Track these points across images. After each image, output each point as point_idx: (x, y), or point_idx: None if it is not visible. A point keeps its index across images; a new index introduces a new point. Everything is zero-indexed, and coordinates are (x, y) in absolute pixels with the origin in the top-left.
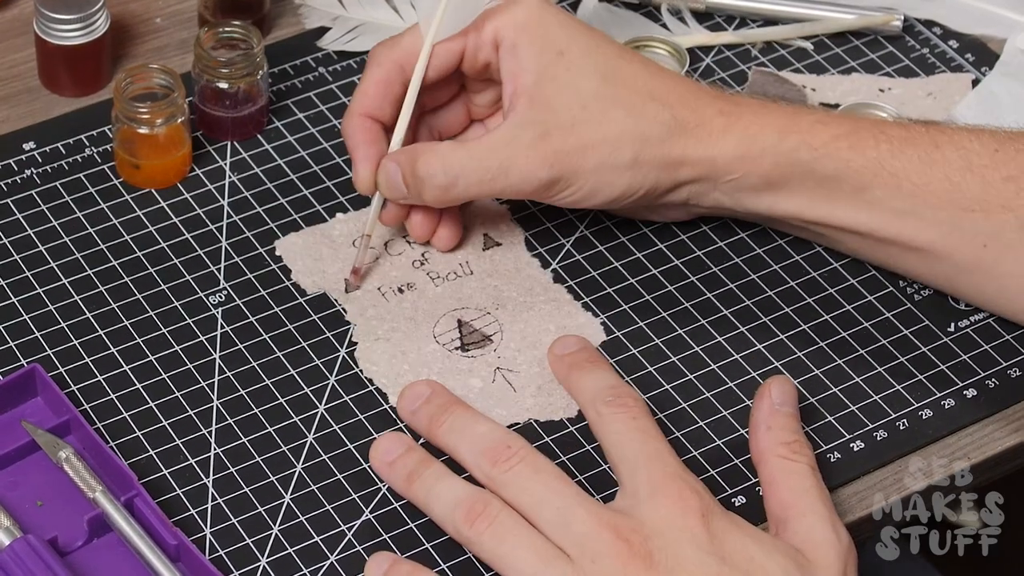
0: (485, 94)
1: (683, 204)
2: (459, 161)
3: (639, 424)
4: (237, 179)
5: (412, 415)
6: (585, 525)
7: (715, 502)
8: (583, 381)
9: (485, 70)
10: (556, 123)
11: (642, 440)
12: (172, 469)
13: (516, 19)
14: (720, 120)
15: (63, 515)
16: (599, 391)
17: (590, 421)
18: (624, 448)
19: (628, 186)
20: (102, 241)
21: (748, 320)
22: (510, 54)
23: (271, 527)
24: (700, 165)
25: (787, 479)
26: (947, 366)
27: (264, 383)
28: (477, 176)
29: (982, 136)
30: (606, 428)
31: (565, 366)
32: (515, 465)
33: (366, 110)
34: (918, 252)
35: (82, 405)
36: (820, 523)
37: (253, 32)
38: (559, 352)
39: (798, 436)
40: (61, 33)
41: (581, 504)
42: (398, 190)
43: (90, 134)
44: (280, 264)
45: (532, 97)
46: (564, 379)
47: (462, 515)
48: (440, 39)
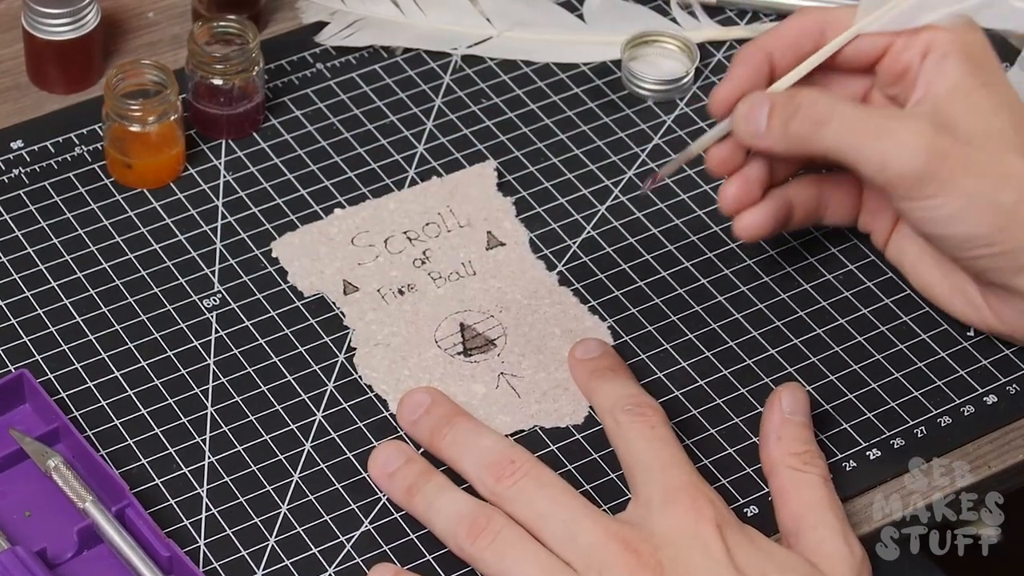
0: None
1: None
2: (843, 105)
3: (657, 432)
4: (232, 179)
5: (412, 425)
6: (592, 536)
7: (730, 513)
8: (603, 388)
9: (902, 76)
10: (952, 130)
11: (658, 448)
12: (165, 478)
13: (960, 37)
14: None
15: (52, 526)
16: (618, 399)
17: (607, 429)
18: (639, 456)
19: (994, 231)
20: (92, 243)
21: (761, 324)
22: (937, 64)
23: (267, 538)
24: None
25: (798, 491)
26: (966, 371)
27: (260, 389)
28: (856, 125)
29: None
30: (623, 436)
31: (586, 372)
32: (520, 479)
33: (769, 48)
34: None
35: (72, 412)
36: (833, 536)
37: (249, 27)
38: (580, 356)
39: (809, 446)
40: (50, 28)
41: (588, 516)
42: (756, 123)
43: (80, 132)
44: (276, 266)
45: (939, 105)
46: (583, 384)
47: (464, 530)
48: (871, 31)
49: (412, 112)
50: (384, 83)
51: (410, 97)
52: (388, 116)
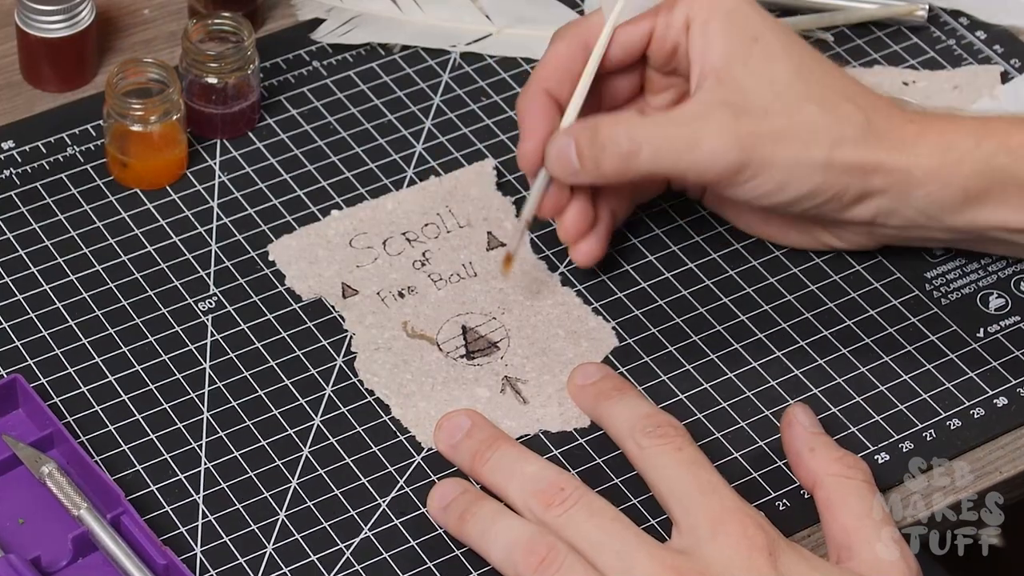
0: (664, 95)
1: (869, 223)
2: (645, 129)
3: (685, 455)
4: (227, 179)
5: (452, 449)
6: (648, 569)
7: (779, 535)
8: (614, 411)
9: (673, 55)
10: (747, 106)
11: (692, 473)
12: (160, 485)
13: (711, 1)
14: (912, 127)
15: (46, 533)
16: (635, 422)
17: (629, 455)
18: (673, 483)
19: (817, 186)
20: (85, 245)
21: (767, 326)
22: (701, 33)
23: (265, 545)
24: (894, 174)
25: (846, 501)
26: (976, 373)
27: (257, 394)
28: (664, 145)
29: None
30: (650, 463)
31: (591, 396)
32: (570, 508)
33: (544, 85)
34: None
35: (66, 418)
36: (889, 551)
37: (244, 24)
38: (581, 382)
39: (844, 451)
40: (44, 25)
41: (642, 547)
42: (568, 165)
43: (72, 132)
44: (273, 268)
45: (721, 77)
46: (591, 410)
47: (522, 557)
48: (625, 19)
49: (410, 111)
50: (382, 81)
51: (408, 95)
52: (386, 115)
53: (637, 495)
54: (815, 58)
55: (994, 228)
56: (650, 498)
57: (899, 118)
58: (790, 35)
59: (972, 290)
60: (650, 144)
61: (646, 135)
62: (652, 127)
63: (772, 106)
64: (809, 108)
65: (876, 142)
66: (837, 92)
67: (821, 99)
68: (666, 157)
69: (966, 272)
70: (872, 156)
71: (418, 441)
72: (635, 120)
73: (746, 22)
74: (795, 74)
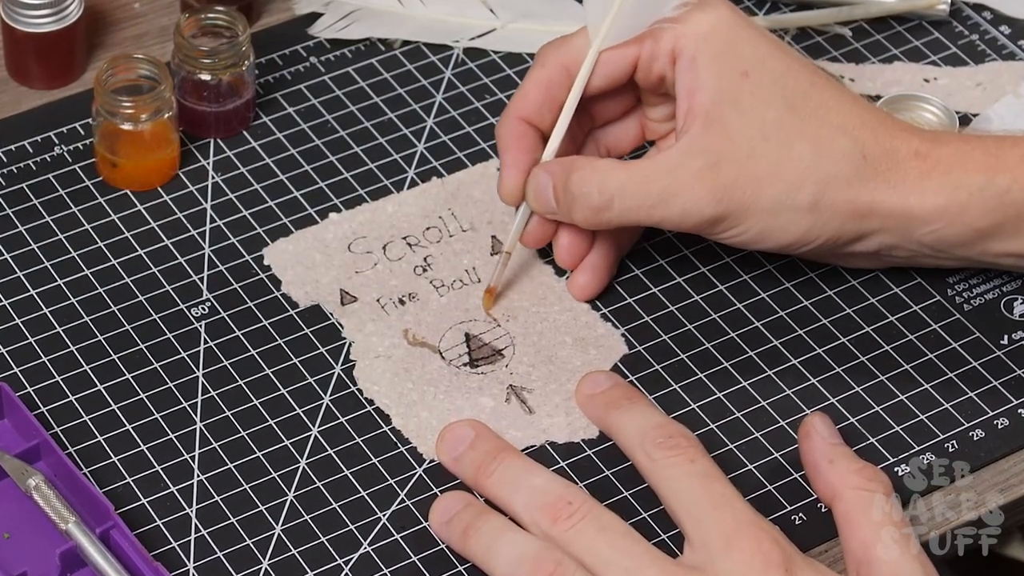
0: (661, 108)
1: (874, 254)
2: (617, 181)
3: (698, 467)
4: (221, 180)
5: (455, 462)
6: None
7: (796, 550)
8: (624, 421)
9: (660, 84)
10: (731, 153)
11: (705, 486)
12: (152, 498)
13: (700, 30)
14: (916, 164)
15: (33, 548)
16: (646, 432)
17: (640, 466)
18: (685, 496)
19: (804, 232)
20: (73, 248)
21: (782, 333)
22: (688, 69)
23: (260, 561)
24: (892, 217)
25: (865, 513)
26: (1000, 382)
27: (252, 403)
28: (635, 201)
29: None
30: (661, 475)
31: (600, 406)
32: (577, 523)
33: (524, 113)
34: None
35: (53, 428)
36: (909, 565)
37: (238, 19)
38: (589, 391)
39: (865, 463)
40: (30, 19)
41: (652, 563)
42: (547, 204)
43: (60, 131)
44: (268, 273)
45: (708, 120)
46: (600, 420)
47: (528, 573)
48: (611, 44)
49: (411, 109)
50: (382, 78)
51: (409, 93)
52: (386, 113)
53: (648, 509)
54: (814, 88)
55: (1009, 256)
56: (661, 512)
57: (904, 150)
58: (787, 63)
59: (995, 296)
60: (622, 198)
61: (618, 188)
62: (625, 180)
63: (759, 148)
64: (800, 146)
65: (872, 180)
66: (832, 126)
67: (814, 136)
68: (638, 211)
69: (989, 277)
70: (866, 196)
71: (420, 452)
72: (608, 170)
73: (735, 55)
74: (787, 110)
